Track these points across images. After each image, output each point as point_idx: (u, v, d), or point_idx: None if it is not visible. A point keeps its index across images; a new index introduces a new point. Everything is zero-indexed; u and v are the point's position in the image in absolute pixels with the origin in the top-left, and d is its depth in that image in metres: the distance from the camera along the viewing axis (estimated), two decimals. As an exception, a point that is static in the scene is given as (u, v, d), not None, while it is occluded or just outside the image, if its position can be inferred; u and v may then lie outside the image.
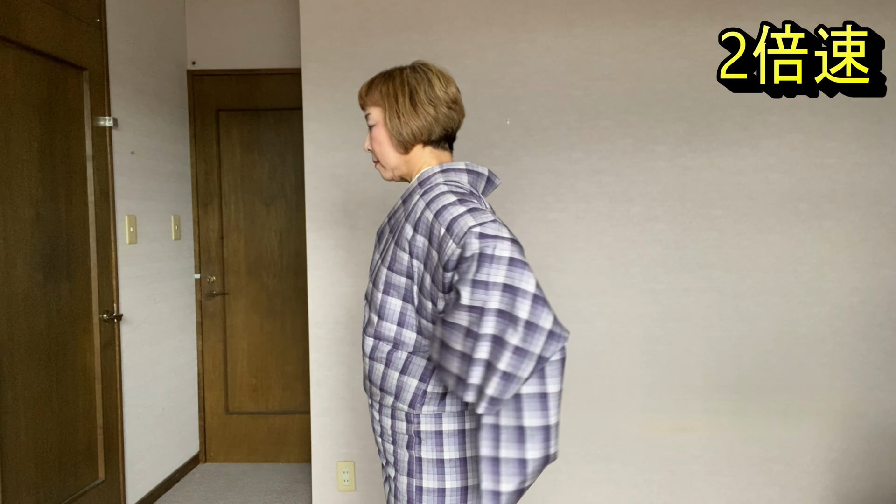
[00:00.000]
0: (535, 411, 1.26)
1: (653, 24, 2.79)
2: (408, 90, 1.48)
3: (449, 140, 1.56)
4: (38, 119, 2.48)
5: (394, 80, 1.50)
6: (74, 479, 2.67)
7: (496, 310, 1.23)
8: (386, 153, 1.54)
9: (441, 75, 1.52)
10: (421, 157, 1.53)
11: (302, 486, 3.48)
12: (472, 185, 1.50)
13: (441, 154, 1.54)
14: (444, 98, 1.50)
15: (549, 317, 1.23)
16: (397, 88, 1.49)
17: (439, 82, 1.50)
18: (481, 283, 1.24)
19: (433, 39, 2.81)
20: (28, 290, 2.42)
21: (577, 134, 2.83)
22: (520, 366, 1.22)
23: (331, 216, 2.88)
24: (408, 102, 1.48)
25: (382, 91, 1.51)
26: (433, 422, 1.44)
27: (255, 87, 3.75)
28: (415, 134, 1.49)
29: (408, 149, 1.51)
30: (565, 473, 2.90)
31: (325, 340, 2.92)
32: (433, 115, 1.48)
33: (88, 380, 2.77)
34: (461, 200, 1.37)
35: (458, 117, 1.54)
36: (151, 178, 3.32)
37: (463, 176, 1.50)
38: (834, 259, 2.82)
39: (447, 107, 1.50)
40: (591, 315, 2.86)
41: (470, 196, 1.42)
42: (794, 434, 2.86)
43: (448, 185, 1.43)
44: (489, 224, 1.29)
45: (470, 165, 1.52)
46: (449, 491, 1.43)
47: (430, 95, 1.48)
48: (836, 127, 2.78)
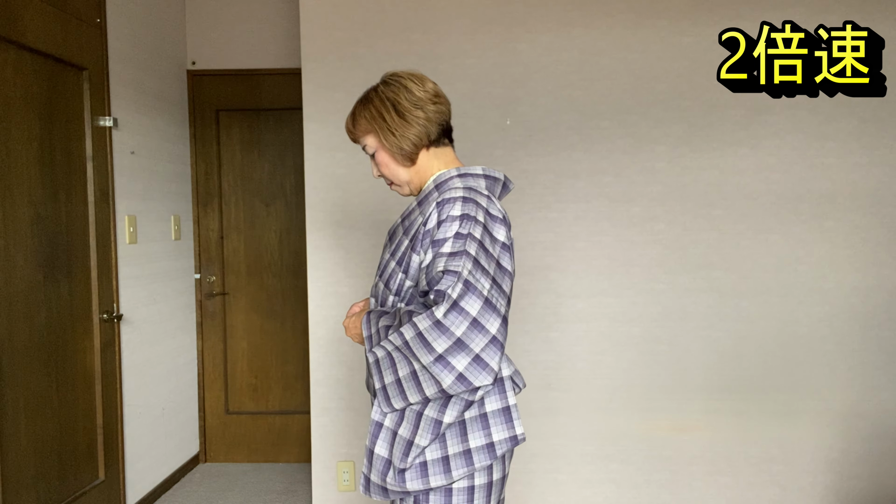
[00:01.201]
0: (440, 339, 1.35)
1: (653, 24, 2.79)
2: (390, 105, 1.48)
3: (447, 134, 1.57)
4: (38, 119, 2.48)
5: (373, 102, 1.51)
6: (74, 478, 2.67)
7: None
8: (396, 173, 1.55)
9: (413, 77, 1.52)
10: (428, 162, 1.54)
11: (302, 486, 3.48)
12: (489, 190, 1.51)
13: (444, 151, 1.55)
14: (426, 97, 1.50)
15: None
16: (380, 108, 1.49)
17: (415, 84, 1.50)
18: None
19: (433, 39, 2.81)
20: (28, 290, 2.42)
21: (577, 134, 2.83)
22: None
23: (331, 216, 2.88)
24: (395, 116, 1.48)
25: (367, 117, 1.51)
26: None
27: (255, 87, 3.75)
28: (415, 143, 1.50)
29: (413, 159, 1.52)
30: (565, 473, 2.90)
31: (324, 340, 2.92)
32: (424, 117, 1.49)
33: (88, 380, 2.77)
34: (465, 215, 1.39)
35: (447, 108, 1.55)
36: (151, 178, 3.32)
37: (480, 181, 1.51)
38: (834, 259, 2.82)
39: (432, 104, 1.50)
40: (591, 315, 2.86)
41: (487, 201, 1.44)
42: (794, 434, 2.86)
43: (465, 190, 1.44)
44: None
45: (487, 170, 1.52)
46: (456, 490, 1.43)
47: (413, 100, 1.48)
48: (836, 127, 2.78)
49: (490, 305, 1.33)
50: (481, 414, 1.42)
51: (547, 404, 2.88)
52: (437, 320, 1.31)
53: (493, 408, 1.43)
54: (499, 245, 1.43)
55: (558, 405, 2.89)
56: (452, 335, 1.31)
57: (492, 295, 1.35)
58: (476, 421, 1.42)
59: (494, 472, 1.47)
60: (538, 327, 2.87)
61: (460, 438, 1.41)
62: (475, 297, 1.32)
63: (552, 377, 2.88)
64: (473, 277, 1.33)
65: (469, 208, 1.40)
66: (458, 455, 1.41)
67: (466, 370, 1.32)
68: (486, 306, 1.33)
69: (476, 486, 1.44)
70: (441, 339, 1.31)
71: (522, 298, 2.84)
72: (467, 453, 1.40)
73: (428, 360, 1.33)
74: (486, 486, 1.45)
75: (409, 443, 1.41)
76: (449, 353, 1.31)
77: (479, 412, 1.42)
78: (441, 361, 1.32)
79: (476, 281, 1.33)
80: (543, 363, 2.88)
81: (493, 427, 1.42)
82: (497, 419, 1.43)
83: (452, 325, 1.31)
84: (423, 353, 1.33)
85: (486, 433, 1.41)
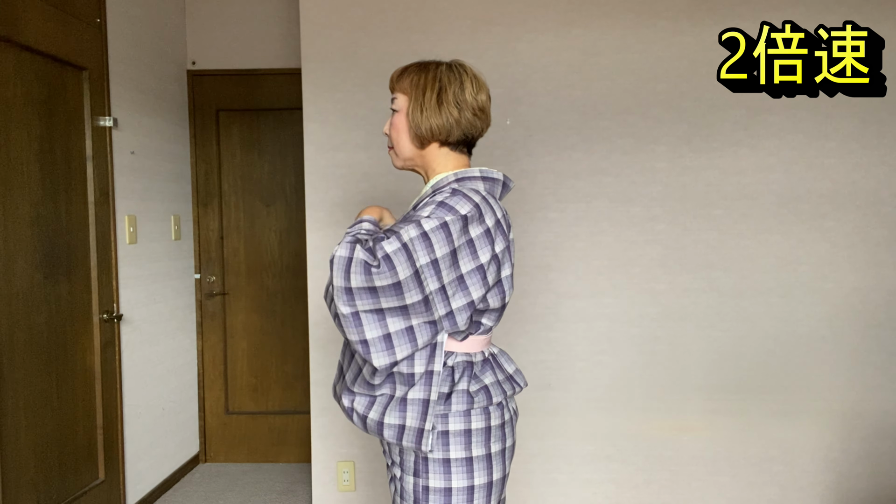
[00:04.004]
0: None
1: (653, 24, 2.79)
2: (438, 86, 1.47)
3: (468, 145, 1.55)
4: (38, 119, 2.48)
5: (427, 73, 1.49)
6: (74, 479, 2.67)
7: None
8: (402, 142, 1.53)
9: (475, 80, 1.50)
10: (436, 157, 1.52)
11: (302, 486, 3.48)
12: (489, 192, 1.49)
13: (458, 158, 1.53)
14: (472, 103, 1.48)
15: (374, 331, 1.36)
16: (428, 82, 1.47)
17: (471, 86, 1.48)
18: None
19: (433, 39, 2.81)
20: (28, 289, 2.42)
21: (577, 134, 2.83)
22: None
23: (331, 216, 2.88)
24: (434, 99, 1.46)
25: (413, 81, 1.49)
26: (439, 422, 1.44)
27: (255, 87, 3.75)
28: (433, 132, 1.48)
29: (423, 145, 1.51)
30: (565, 473, 2.90)
31: (324, 340, 2.92)
32: (455, 117, 1.47)
33: (88, 380, 2.77)
34: (443, 203, 1.39)
35: (482, 125, 1.53)
36: (151, 178, 3.32)
37: (479, 183, 1.49)
38: (834, 259, 2.82)
39: (472, 113, 1.49)
40: (591, 315, 2.86)
41: (482, 202, 1.42)
42: (794, 434, 2.86)
43: (458, 183, 1.44)
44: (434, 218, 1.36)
45: (485, 172, 1.51)
46: (455, 490, 1.43)
47: (459, 98, 1.47)
48: (836, 127, 2.78)
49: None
50: (403, 398, 1.42)
51: (547, 404, 2.88)
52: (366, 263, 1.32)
53: (415, 396, 1.42)
54: (488, 252, 1.42)
55: (558, 405, 2.89)
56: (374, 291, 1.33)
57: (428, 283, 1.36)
58: (398, 402, 1.43)
59: (494, 472, 1.47)
60: (538, 327, 2.87)
61: (382, 409, 1.44)
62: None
63: (552, 377, 2.88)
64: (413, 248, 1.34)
65: (453, 200, 1.39)
66: (374, 422, 1.44)
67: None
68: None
69: (476, 486, 1.44)
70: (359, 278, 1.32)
71: (522, 298, 2.84)
72: (380, 424, 1.43)
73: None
74: (485, 486, 1.45)
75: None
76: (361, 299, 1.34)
77: (403, 395, 1.42)
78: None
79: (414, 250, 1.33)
80: (543, 363, 2.88)
81: (409, 412, 1.42)
82: (414, 407, 1.42)
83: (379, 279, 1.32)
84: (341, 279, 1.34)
85: (401, 416, 1.43)
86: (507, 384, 1.53)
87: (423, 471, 1.45)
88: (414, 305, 1.35)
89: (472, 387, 1.45)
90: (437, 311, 1.38)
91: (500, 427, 1.49)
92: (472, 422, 1.45)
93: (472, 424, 1.45)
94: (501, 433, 1.49)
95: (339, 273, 1.33)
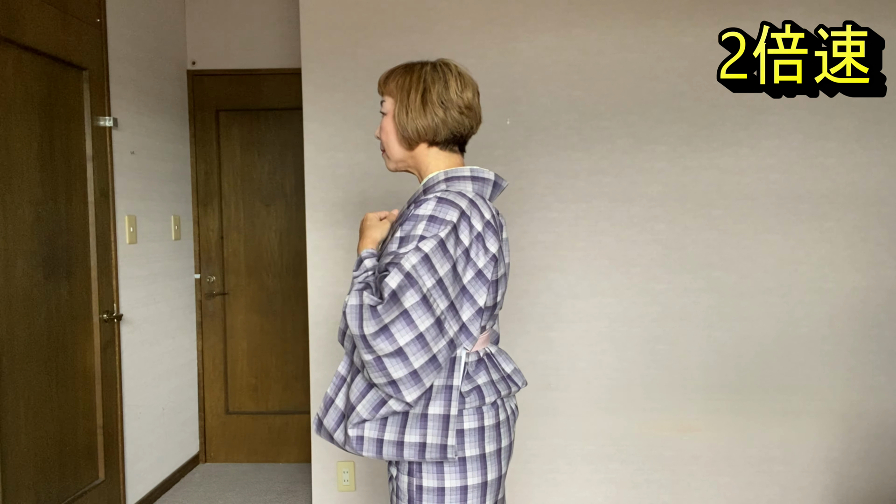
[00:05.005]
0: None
1: (653, 24, 2.79)
2: (422, 87, 1.47)
3: (459, 144, 1.54)
4: (38, 119, 2.48)
5: (411, 75, 1.49)
6: (74, 479, 2.67)
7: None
8: (391, 145, 1.53)
9: (460, 78, 1.50)
10: (426, 157, 1.52)
11: (302, 486, 3.48)
12: (478, 192, 1.49)
13: (449, 157, 1.53)
14: (457, 101, 1.48)
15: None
16: (412, 84, 1.47)
17: (456, 85, 1.48)
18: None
19: (433, 39, 2.81)
20: (28, 290, 2.42)
21: (577, 134, 2.83)
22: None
23: (331, 216, 2.88)
24: (419, 100, 1.46)
25: (398, 83, 1.49)
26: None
27: (255, 87, 3.75)
28: (419, 132, 1.48)
29: (412, 146, 1.51)
30: (565, 473, 2.90)
31: (324, 340, 2.92)
32: (441, 117, 1.47)
33: (88, 380, 2.77)
34: (433, 217, 1.38)
35: (471, 123, 1.52)
36: (151, 178, 3.32)
37: (468, 183, 1.48)
38: (834, 259, 2.82)
39: (458, 111, 1.48)
40: (592, 315, 2.86)
41: (469, 206, 1.41)
42: (794, 434, 2.86)
43: (444, 193, 1.43)
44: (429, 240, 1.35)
45: (475, 171, 1.50)
46: (449, 490, 1.43)
47: (443, 97, 1.46)
48: (836, 127, 2.78)
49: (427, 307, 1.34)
50: (423, 414, 1.41)
51: (546, 404, 2.88)
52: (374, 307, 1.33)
53: (435, 412, 1.41)
54: (482, 257, 1.42)
55: (558, 405, 2.89)
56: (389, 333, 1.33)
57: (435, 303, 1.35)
58: (416, 419, 1.41)
59: (489, 472, 1.47)
60: (538, 327, 2.87)
61: (399, 429, 1.41)
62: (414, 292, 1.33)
63: (552, 377, 2.88)
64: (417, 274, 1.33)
65: (440, 210, 1.39)
66: (391, 443, 1.41)
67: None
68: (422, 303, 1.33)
69: (469, 486, 1.44)
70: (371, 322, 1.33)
71: (522, 298, 2.85)
72: (399, 444, 1.40)
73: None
74: (479, 486, 1.45)
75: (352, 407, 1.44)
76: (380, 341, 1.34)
77: (423, 412, 1.41)
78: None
79: (419, 277, 1.33)
80: (543, 363, 2.88)
81: (429, 429, 1.40)
82: (435, 423, 1.40)
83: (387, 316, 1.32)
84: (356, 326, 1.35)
85: (422, 433, 1.41)
86: (501, 384, 1.52)
87: (416, 470, 1.45)
88: (429, 330, 1.34)
89: (465, 387, 1.45)
90: (451, 328, 1.38)
91: (494, 427, 1.48)
92: (465, 422, 1.44)
93: (465, 424, 1.44)
94: (496, 433, 1.49)
95: (354, 321, 1.34)
